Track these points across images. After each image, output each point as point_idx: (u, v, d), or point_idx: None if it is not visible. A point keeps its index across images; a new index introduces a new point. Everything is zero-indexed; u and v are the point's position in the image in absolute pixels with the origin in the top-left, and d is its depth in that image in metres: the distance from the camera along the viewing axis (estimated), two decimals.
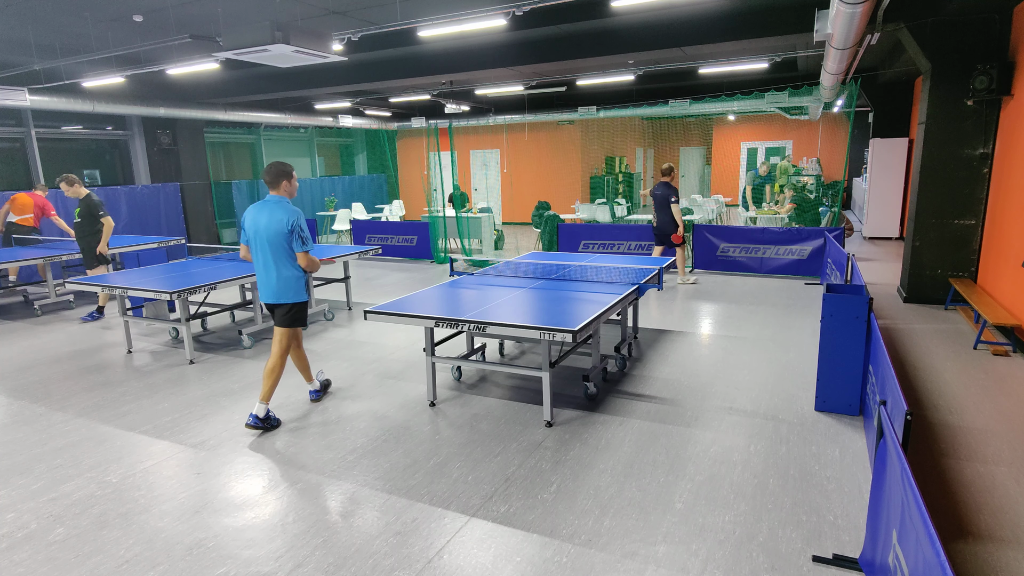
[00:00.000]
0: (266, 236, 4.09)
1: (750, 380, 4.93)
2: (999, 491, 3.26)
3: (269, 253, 4.12)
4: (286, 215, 4.07)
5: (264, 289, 4.24)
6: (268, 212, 4.09)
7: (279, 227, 4.07)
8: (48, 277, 8.01)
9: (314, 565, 2.79)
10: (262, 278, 4.22)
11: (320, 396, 4.75)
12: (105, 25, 7.82)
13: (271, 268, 4.16)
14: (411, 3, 7.22)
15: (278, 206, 4.11)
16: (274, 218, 4.08)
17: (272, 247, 4.10)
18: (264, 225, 4.10)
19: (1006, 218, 5.99)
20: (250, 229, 4.18)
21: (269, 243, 4.09)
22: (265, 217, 4.10)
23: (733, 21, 7.67)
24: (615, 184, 18.42)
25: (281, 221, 4.06)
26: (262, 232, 4.11)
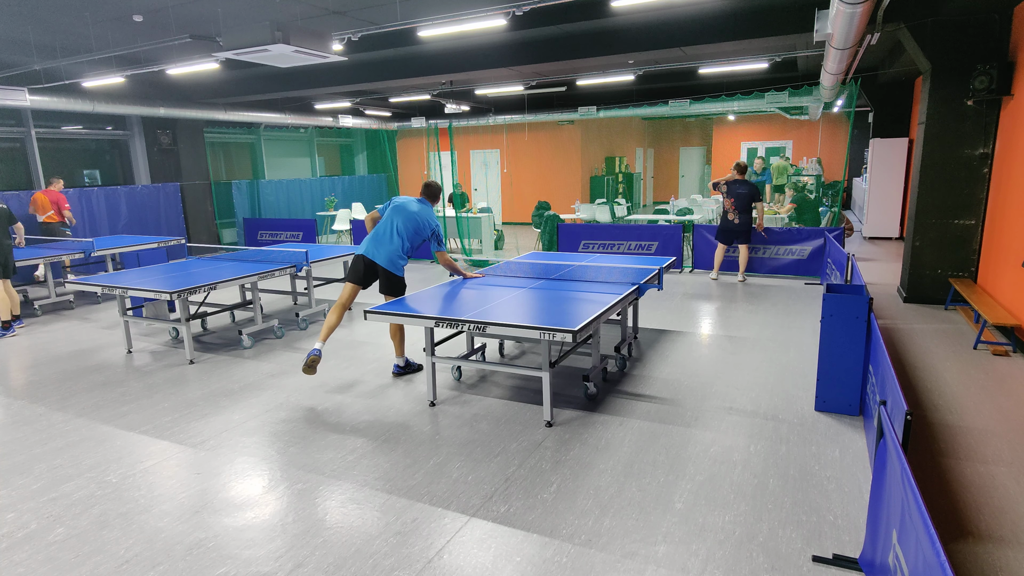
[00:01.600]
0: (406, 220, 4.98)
1: (750, 380, 4.93)
2: (999, 491, 3.26)
3: (398, 229, 4.97)
4: (429, 215, 5.05)
5: (380, 252, 4.97)
6: (417, 206, 5.04)
7: (423, 222, 5.01)
8: (48, 277, 8.02)
9: (314, 565, 2.79)
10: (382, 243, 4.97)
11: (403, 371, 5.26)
12: (105, 25, 7.82)
13: (395, 239, 4.96)
14: (411, 3, 7.22)
15: (426, 206, 5.09)
16: (421, 212, 5.03)
17: (406, 229, 4.96)
18: (413, 213, 5.01)
19: (1006, 218, 5.99)
20: (397, 207, 5.02)
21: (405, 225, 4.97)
22: (414, 207, 5.02)
23: (733, 21, 7.67)
24: (615, 184, 18.42)
25: (427, 219, 5.03)
26: (403, 214, 5.01)
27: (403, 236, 4.95)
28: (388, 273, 4.96)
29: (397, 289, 5.00)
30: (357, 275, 4.99)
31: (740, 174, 8.35)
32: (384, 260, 4.93)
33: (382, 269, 4.95)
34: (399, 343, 5.14)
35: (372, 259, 4.94)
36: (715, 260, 8.85)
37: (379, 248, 4.95)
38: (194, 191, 13.47)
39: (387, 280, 4.98)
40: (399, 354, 5.16)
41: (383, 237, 4.97)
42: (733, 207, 8.39)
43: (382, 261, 4.94)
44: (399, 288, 5.01)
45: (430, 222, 5.02)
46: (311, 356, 4.64)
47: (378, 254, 4.95)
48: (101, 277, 6.26)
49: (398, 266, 4.97)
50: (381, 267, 4.94)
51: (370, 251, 4.96)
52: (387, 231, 4.98)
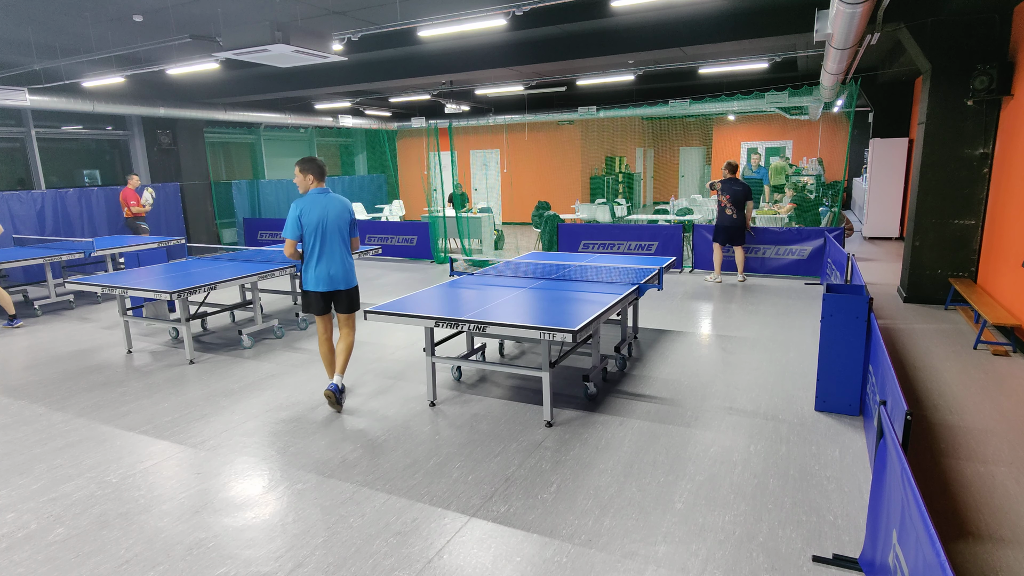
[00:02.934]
0: (337, 226, 4.40)
1: (750, 380, 4.93)
2: (999, 491, 3.26)
3: (340, 242, 4.43)
4: (346, 204, 4.47)
5: (335, 277, 4.45)
6: (336, 202, 4.40)
7: (348, 216, 4.47)
8: (48, 277, 8.02)
9: (314, 565, 2.79)
10: (333, 266, 4.42)
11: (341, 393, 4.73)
12: (105, 25, 7.82)
13: (345, 255, 4.49)
14: (411, 3, 7.22)
15: (338, 197, 4.46)
16: (342, 207, 4.44)
17: (343, 235, 4.44)
18: (335, 215, 4.39)
19: (1006, 218, 5.99)
20: (316, 221, 4.33)
21: (340, 232, 4.41)
22: (336, 208, 4.39)
23: (733, 21, 7.67)
24: (615, 184, 18.42)
25: (348, 210, 4.48)
26: (333, 222, 4.37)
27: (344, 247, 4.49)
28: (352, 290, 4.57)
29: (358, 301, 4.66)
30: (321, 307, 4.51)
31: (732, 173, 8.39)
32: (349, 281, 4.52)
33: (347, 291, 4.53)
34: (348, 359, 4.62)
35: (335, 290, 4.46)
36: (715, 262, 8.82)
37: (336, 271, 4.44)
38: (194, 191, 13.47)
39: (350, 297, 4.57)
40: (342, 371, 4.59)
41: (334, 256, 4.42)
42: (729, 202, 8.40)
43: (346, 283, 4.51)
44: (358, 299, 4.66)
45: (350, 210, 4.52)
46: (327, 392, 4.42)
47: (338, 278, 4.45)
48: (101, 277, 6.26)
49: (353, 273, 4.59)
50: (345, 291, 4.51)
51: (332, 282, 4.44)
52: (334, 247, 4.42)
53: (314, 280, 4.41)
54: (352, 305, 4.60)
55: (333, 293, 4.48)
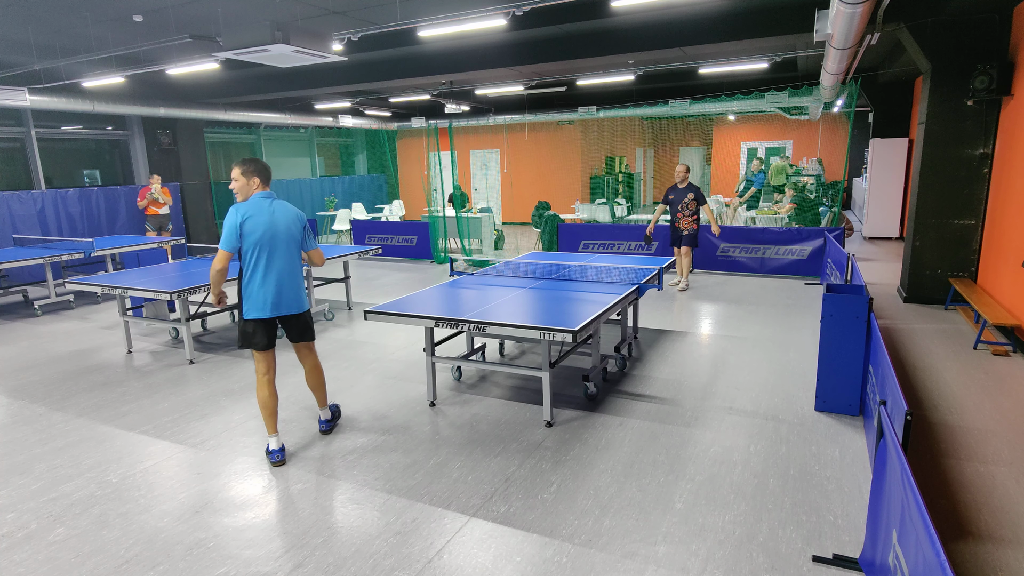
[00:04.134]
0: (288, 236, 3.66)
1: (750, 380, 4.93)
2: (999, 491, 3.26)
3: (290, 257, 3.68)
4: (297, 212, 3.76)
5: (286, 300, 3.69)
6: (282, 210, 3.68)
7: (298, 224, 3.73)
8: (48, 277, 8.02)
9: (314, 565, 2.79)
10: (284, 286, 3.65)
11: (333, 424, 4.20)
12: (105, 25, 7.82)
13: (297, 273, 3.74)
14: (411, 3, 7.22)
15: (285, 203, 3.75)
16: (290, 215, 3.70)
17: (294, 249, 3.71)
18: (287, 224, 3.66)
19: (1006, 218, 5.99)
20: (262, 231, 3.59)
21: (292, 244, 3.69)
22: (286, 215, 3.68)
23: (733, 21, 7.67)
24: (615, 184, 18.41)
25: (298, 217, 3.73)
26: (283, 232, 3.64)
27: (294, 263, 3.73)
28: (305, 315, 3.84)
29: (312, 327, 3.94)
30: (265, 340, 3.70)
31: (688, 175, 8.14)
32: (301, 303, 3.78)
33: (299, 316, 3.80)
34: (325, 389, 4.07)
35: (286, 315, 3.73)
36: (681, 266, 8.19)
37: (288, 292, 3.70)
38: (194, 191, 13.47)
39: (303, 322, 3.84)
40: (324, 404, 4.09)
41: (284, 274, 3.67)
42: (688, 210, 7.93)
43: (293, 306, 3.74)
44: (311, 324, 3.94)
45: (300, 218, 3.78)
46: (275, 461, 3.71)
47: (290, 301, 3.71)
48: (101, 277, 6.26)
49: (304, 295, 3.85)
50: (297, 315, 3.79)
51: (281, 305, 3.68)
52: (285, 262, 3.67)
53: (260, 304, 3.60)
54: (307, 332, 3.87)
55: (282, 320, 3.73)
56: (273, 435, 3.75)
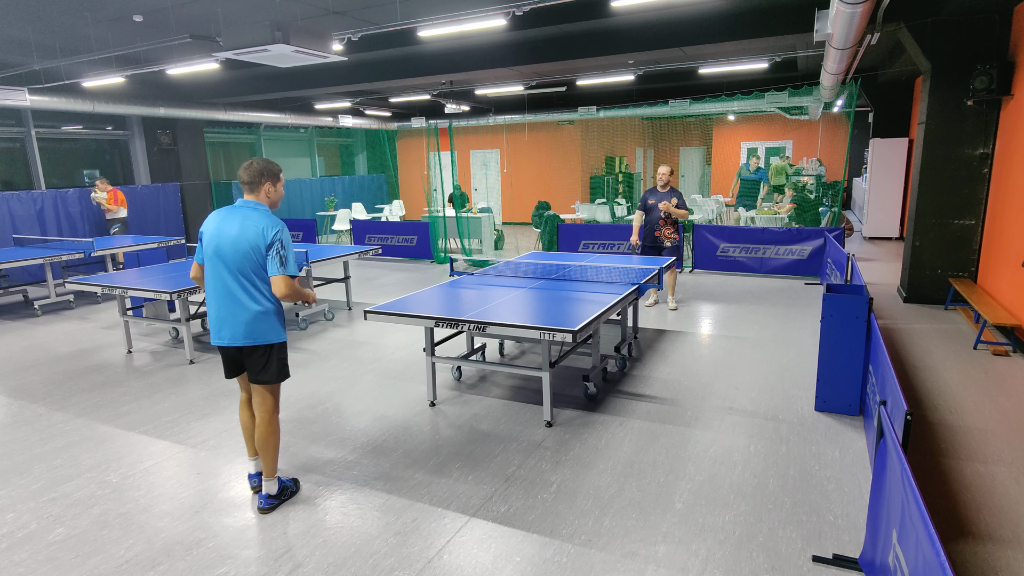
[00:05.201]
0: (233, 253, 3.03)
1: (750, 380, 4.93)
2: (999, 491, 3.26)
3: (232, 276, 3.05)
4: (264, 225, 3.04)
5: (225, 326, 3.10)
6: (240, 221, 3.05)
7: (254, 240, 3.01)
8: (48, 277, 8.02)
9: (314, 565, 2.79)
10: (222, 311, 3.09)
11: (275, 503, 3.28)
12: (105, 25, 7.82)
13: (240, 298, 3.06)
14: (411, 3, 7.21)
15: (255, 213, 3.07)
16: (248, 229, 3.02)
17: (240, 268, 3.04)
18: (233, 238, 3.03)
19: (1006, 218, 5.99)
20: (206, 243, 3.12)
21: (236, 263, 3.03)
22: (235, 227, 3.04)
23: (733, 21, 7.67)
24: (615, 184, 18.41)
25: (257, 233, 3.02)
26: (227, 247, 3.04)
27: (243, 286, 3.06)
28: (257, 351, 3.13)
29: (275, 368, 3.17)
30: (226, 367, 3.30)
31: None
32: (238, 333, 3.09)
33: (249, 350, 3.14)
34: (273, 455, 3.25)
35: (225, 345, 3.14)
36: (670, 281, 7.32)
37: (225, 318, 3.09)
38: (194, 191, 13.47)
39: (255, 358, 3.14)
40: (269, 474, 3.26)
41: (221, 296, 3.09)
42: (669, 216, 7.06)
43: (236, 337, 3.09)
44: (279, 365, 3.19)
45: (262, 233, 3.03)
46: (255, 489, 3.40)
47: (223, 331, 3.11)
48: (101, 277, 6.26)
49: (264, 327, 3.11)
50: (244, 348, 3.14)
51: (220, 333, 3.12)
52: (222, 284, 3.08)
53: (212, 328, 3.16)
54: (261, 372, 3.14)
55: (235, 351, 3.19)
56: (252, 458, 3.42)
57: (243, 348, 3.14)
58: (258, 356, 3.14)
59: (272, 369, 3.17)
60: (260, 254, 3.04)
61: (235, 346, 3.13)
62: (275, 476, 3.27)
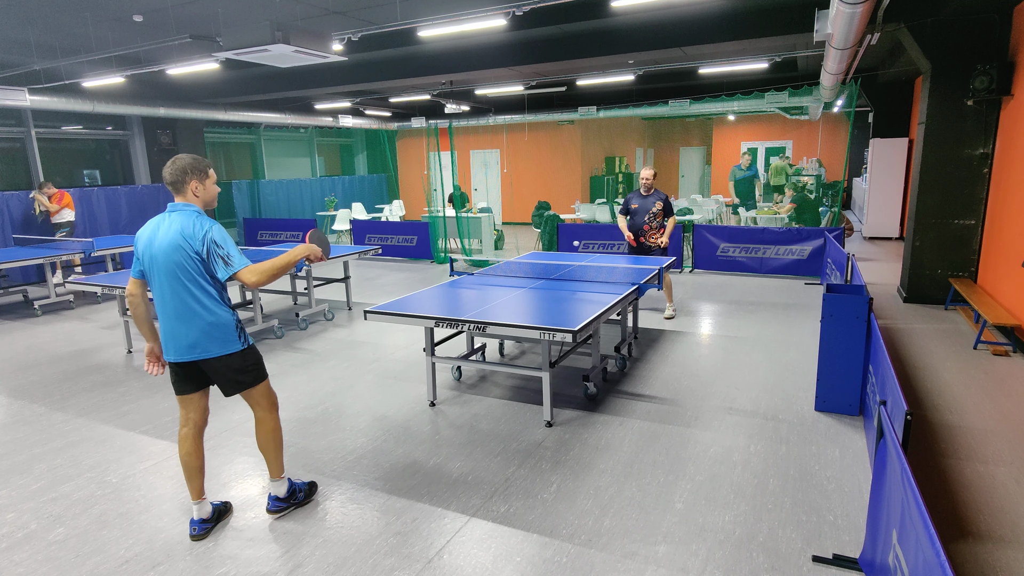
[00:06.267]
0: (166, 263, 2.78)
1: (750, 380, 4.92)
2: (999, 491, 3.26)
3: (172, 288, 2.81)
4: (191, 231, 2.77)
5: (177, 341, 2.85)
6: (167, 227, 2.81)
7: (184, 247, 2.76)
8: (48, 277, 8.02)
9: (314, 565, 2.79)
10: (172, 325, 2.85)
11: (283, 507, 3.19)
12: (105, 25, 7.82)
13: (190, 306, 2.82)
14: (411, 3, 7.21)
15: (181, 217, 2.81)
16: (175, 235, 2.77)
17: (179, 278, 2.79)
18: (164, 248, 2.78)
19: (1006, 218, 5.99)
20: (141, 255, 2.87)
21: (173, 273, 2.79)
22: (164, 235, 2.79)
23: (733, 21, 7.67)
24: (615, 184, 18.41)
25: (186, 239, 2.76)
26: (161, 257, 2.79)
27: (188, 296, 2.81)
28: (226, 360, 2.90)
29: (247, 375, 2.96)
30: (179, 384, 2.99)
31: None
32: (186, 348, 2.85)
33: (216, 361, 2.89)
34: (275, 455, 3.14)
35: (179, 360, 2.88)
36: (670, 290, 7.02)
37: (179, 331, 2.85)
38: None
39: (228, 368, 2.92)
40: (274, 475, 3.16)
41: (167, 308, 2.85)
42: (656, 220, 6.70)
43: (183, 352, 2.86)
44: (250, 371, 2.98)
45: (190, 237, 2.77)
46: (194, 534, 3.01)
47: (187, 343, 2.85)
48: (101, 277, 6.26)
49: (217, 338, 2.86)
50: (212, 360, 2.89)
51: (179, 348, 2.86)
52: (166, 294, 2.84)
53: (163, 342, 2.92)
54: (235, 383, 2.95)
55: (195, 365, 2.92)
56: (196, 501, 3.02)
57: (214, 358, 2.87)
58: (223, 369, 2.90)
59: (241, 379, 2.95)
60: (196, 260, 2.78)
61: (207, 358, 2.87)
62: (282, 477, 3.16)
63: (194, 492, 3.03)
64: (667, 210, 6.65)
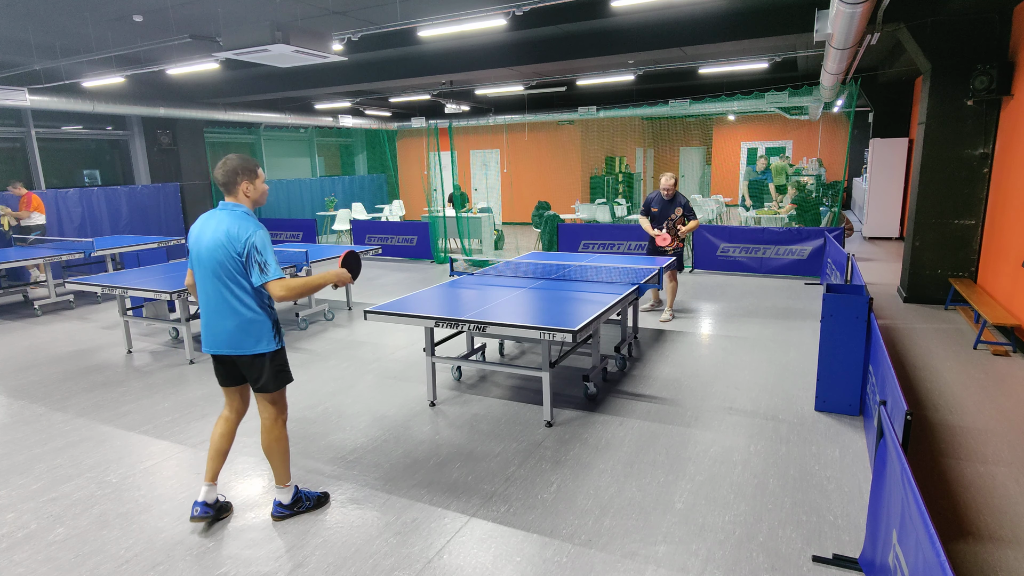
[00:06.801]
0: (210, 260, 2.88)
1: (750, 380, 4.92)
2: (999, 491, 3.26)
3: (213, 283, 2.92)
4: (236, 231, 2.84)
5: (215, 335, 2.97)
6: (214, 226, 2.90)
7: (228, 246, 2.84)
8: (48, 277, 8.01)
9: (314, 565, 2.79)
10: (210, 319, 2.98)
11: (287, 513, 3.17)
12: (105, 25, 7.82)
13: (229, 305, 2.92)
14: (411, 3, 7.21)
15: (229, 217, 2.89)
16: (221, 234, 2.85)
17: (220, 275, 2.89)
18: (209, 244, 2.88)
19: (1006, 218, 5.99)
20: (192, 248, 2.99)
21: (215, 269, 2.89)
22: (211, 232, 2.89)
23: (733, 21, 7.67)
24: (615, 184, 18.41)
25: (231, 239, 2.84)
26: (205, 254, 2.90)
27: (230, 280, 2.90)
28: (252, 360, 2.98)
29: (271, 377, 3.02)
30: (218, 375, 3.14)
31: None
32: (223, 342, 2.96)
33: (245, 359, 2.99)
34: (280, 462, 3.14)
35: (216, 353, 3.02)
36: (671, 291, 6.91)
37: (215, 325, 2.97)
38: (194, 191, 13.47)
39: (252, 368, 3.00)
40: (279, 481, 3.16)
41: (209, 303, 2.97)
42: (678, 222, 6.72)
43: (221, 345, 2.98)
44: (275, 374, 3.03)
45: (233, 239, 2.84)
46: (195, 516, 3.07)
47: (220, 338, 2.97)
48: (101, 277, 6.27)
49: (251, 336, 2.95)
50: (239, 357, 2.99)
51: (213, 341, 3.00)
52: (208, 290, 2.96)
53: (202, 334, 3.06)
54: (261, 380, 3.01)
55: (230, 359, 3.04)
56: (208, 482, 3.11)
57: (239, 356, 2.98)
58: (250, 366, 2.99)
59: (266, 379, 3.00)
60: (237, 261, 2.86)
61: (232, 355, 2.99)
62: (287, 484, 3.15)
63: (209, 473, 3.12)
64: (688, 213, 6.68)
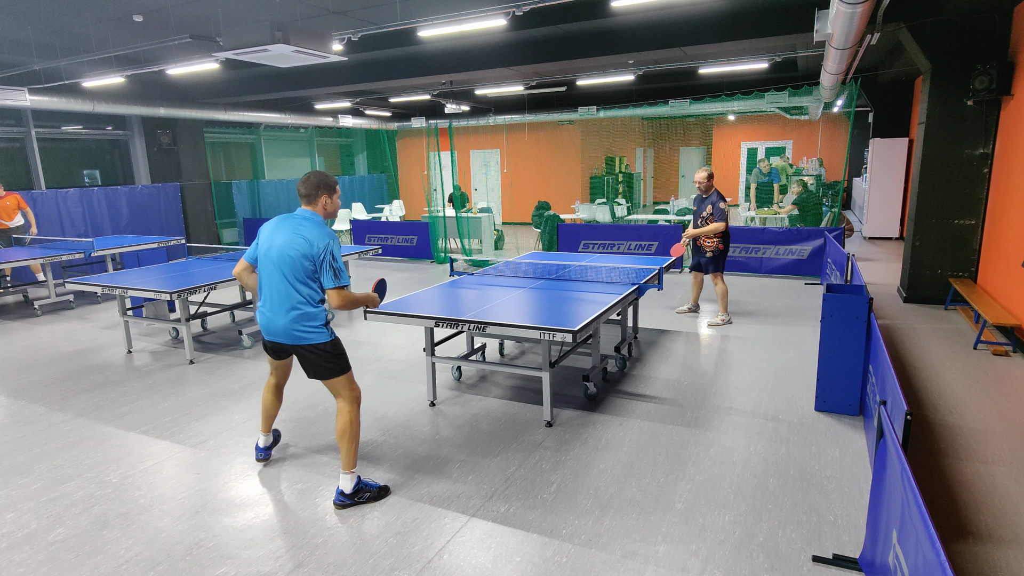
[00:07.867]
0: (280, 258, 3.18)
1: (750, 380, 4.92)
2: (999, 491, 3.26)
3: (278, 280, 3.20)
4: (315, 237, 3.14)
5: (272, 326, 3.28)
6: (292, 228, 3.20)
7: (303, 249, 3.13)
8: (48, 277, 8.02)
9: (314, 565, 2.79)
10: (273, 312, 3.26)
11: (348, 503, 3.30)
12: (105, 25, 7.82)
13: (290, 302, 3.20)
14: (411, 3, 7.21)
15: (307, 224, 3.20)
16: (298, 237, 3.15)
17: (287, 273, 3.18)
18: (282, 244, 3.18)
19: (1006, 218, 5.99)
20: (263, 245, 3.30)
21: (282, 268, 3.18)
22: (286, 234, 3.19)
23: (733, 21, 7.67)
24: (615, 184, 18.42)
25: (307, 243, 3.13)
26: (276, 252, 3.20)
27: (295, 280, 3.19)
28: (308, 350, 3.26)
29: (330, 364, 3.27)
30: (270, 353, 3.51)
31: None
32: (297, 335, 3.23)
33: (301, 349, 3.27)
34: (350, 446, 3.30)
35: (272, 340, 3.34)
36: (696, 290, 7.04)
37: (274, 319, 3.25)
38: (194, 191, 13.46)
39: (309, 359, 3.28)
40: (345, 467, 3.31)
41: (272, 299, 3.26)
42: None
43: (279, 336, 3.27)
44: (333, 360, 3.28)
45: (313, 244, 3.13)
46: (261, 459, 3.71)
47: (277, 329, 3.26)
48: (101, 277, 6.26)
49: (311, 331, 3.23)
50: (294, 347, 3.29)
51: (269, 330, 3.30)
52: (273, 287, 3.24)
53: (261, 324, 3.37)
54: (319, 370, 3.29)
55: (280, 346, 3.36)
56: (264, 432, 3.79)
57: (294, 346, 3.28)
58: (308, 357, 3.28)
59: (325, 367, 3.28)
60: (308, 263, 3.15)
61: (288, 344, 3.29)
62: (352, 471, 3.28)
63: (264, 427, 3.75)
64: (715, 212, 6.30)
